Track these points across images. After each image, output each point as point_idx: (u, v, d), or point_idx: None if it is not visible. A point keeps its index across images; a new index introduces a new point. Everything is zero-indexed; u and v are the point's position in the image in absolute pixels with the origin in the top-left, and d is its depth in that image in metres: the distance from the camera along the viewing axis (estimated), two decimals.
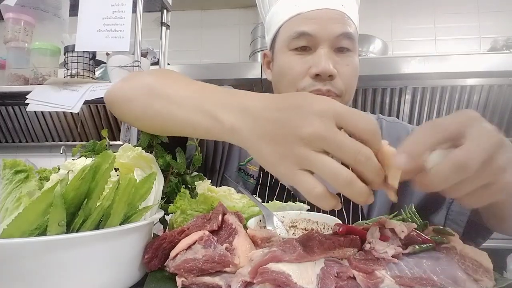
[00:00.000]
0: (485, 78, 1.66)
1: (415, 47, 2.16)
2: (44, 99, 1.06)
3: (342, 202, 0.35)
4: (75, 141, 2.21)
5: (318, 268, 0.35)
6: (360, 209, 0.74)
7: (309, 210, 0.57)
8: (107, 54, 1.12)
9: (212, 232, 0.42)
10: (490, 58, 1.59)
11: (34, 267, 0.32)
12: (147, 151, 0.53)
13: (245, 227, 0.46)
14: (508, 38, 1.75)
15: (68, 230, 0.35)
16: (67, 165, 0.47)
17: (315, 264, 0.36)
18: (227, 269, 0.37)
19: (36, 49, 1.19)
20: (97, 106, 2.01)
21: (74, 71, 1.11)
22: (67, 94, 1.05)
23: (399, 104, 1.86)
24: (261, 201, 0.56)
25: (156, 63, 1.45)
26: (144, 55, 1.14)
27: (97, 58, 1.18)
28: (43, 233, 0.33)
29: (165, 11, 1.31)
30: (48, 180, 0.49)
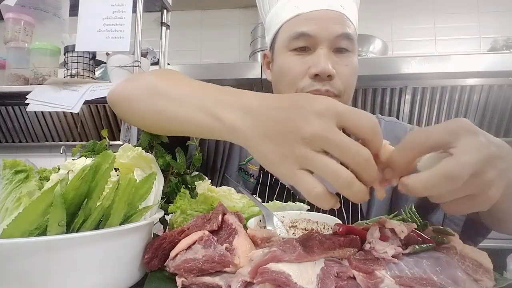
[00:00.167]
0: (485, 78, 1.65)
1: (415, 47, 2.16)
2: (44, 99, 1.05)
3: (342, 201, 0.36)
4: (75, 141, 2.21)
5: (318, 268, 0.35)
6: (360, 208, 0.75)
7: (309, 210, 0.57)
8: (107, 54, 1.12)
9: (212, 232, 0.42)
10: (490, 58, 1.59)
11: (34, 267, 0.32)
12: (147, 151, 0.53)
13: (245, 227, 0.46)
14: (508, 38, 1.75)
15: (68, 230, 0.35)
16: (67, 165, 0.47)
17: (315, 264, 0.36)
18: (227, 269, 0.37)
19: (36, 49, 1.19)
20: (97, 106, 2.01)
21: (74, 71, 1.11)
22: (67, 94, 1.05)
23: (399, 104, 1.86)
24: (261, 200, 0.56)
25: (156, 63, 1.44)
26: (144, 55, 1.14)
27: (97, 58, 1.18)
28: (43, 233, 0.33)
29: (165, 11, 1.31)
30: (48, 180, 0.49)
